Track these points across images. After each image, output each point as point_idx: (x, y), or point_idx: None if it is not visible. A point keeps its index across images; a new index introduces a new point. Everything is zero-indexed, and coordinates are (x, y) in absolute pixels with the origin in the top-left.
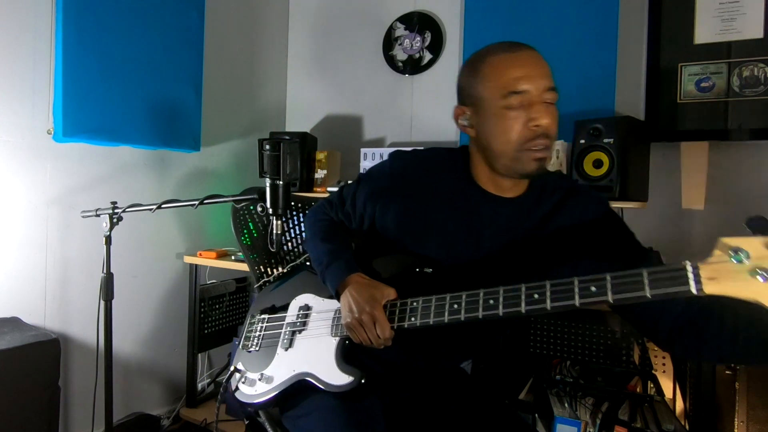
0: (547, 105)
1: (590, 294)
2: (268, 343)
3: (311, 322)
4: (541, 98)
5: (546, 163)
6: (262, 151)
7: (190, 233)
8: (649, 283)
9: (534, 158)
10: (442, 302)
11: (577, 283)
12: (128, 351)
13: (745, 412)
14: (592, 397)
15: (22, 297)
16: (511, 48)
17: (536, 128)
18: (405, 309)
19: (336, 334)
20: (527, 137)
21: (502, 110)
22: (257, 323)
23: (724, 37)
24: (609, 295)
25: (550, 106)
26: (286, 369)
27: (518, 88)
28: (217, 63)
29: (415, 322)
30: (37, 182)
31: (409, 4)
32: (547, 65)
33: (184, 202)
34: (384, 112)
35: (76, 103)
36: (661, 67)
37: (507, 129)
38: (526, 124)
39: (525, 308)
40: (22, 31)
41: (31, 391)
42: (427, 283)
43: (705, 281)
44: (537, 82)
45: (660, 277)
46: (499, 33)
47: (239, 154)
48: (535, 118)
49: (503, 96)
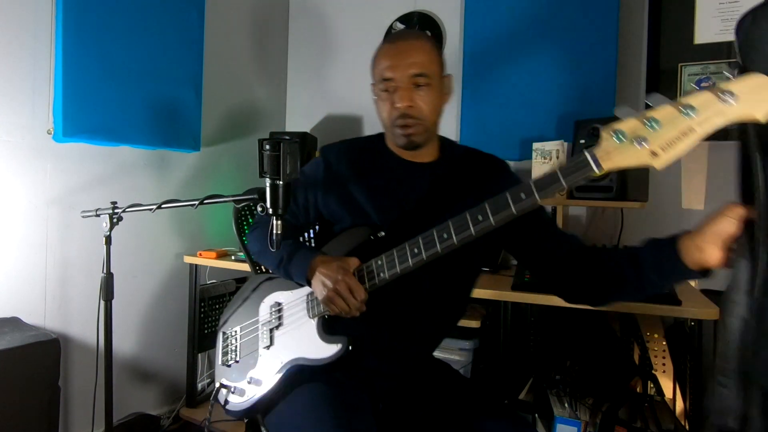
0: (415, 88)
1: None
2: (248, 350)
3: (286, 316)
4: (406, 84)
5: (417, 138)
6: (262, 151)
7: (190, 233)
8: (563, 176)
9: (401, 134)
10: (403, 250)
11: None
12: (128, 351)
13: None
14: (592, 397)
15: (22, 297)
16: (391, 39)
17: (397, 110)
18: (371, 269)
19: (313, 314)
20: (394, 116)
21: (380, 93)
22: (230, 338)
23: (724, 37)
24: (536, 197)
25: (419, 89)
26: (273, 364)
27: (385, 76)
28: (217, 63)
29: (384, 276)
30: (37, 182)
31: (409, 4)
32: (421, 53)
33: (184, 202)
34: None
35: (76, 103)
36: (661, 67)
37: (381, 109)
38: (392, 105)
39: (474, 230)
40: (22, 31)
41: (31, 391)
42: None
43: (602, 161)
44: (401, 71)
45: (570, 168)
46: (499, 33)
47: (239, 154)
48: (395, 102)
49: (379, 81)
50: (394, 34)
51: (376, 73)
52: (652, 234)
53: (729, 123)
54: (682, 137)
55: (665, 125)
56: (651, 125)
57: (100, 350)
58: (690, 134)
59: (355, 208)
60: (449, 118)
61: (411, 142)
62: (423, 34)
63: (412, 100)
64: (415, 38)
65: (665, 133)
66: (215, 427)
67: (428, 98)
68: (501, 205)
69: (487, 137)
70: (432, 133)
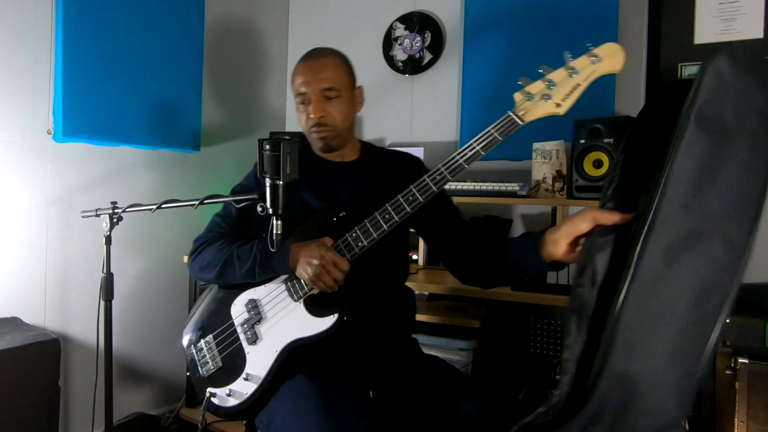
0: (327, 100)
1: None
2: (229, 353)
3: (267, 309)
4: (317, 97)
5: (331, 142)
6: (262, 151)
7: (190, 233)
8: (498, 132)
9: (317, 138)
10: (374, 219)
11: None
12: (128, 351)
13: (745, 412)
14: None
15: (22, 297)
16: (305, 57)
17: (311, 120)
18: (347, 242)
19: (298, 297)
20: (310, 125)
21: (297, 105)
22: (203, 347)
23: (724, 37)
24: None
25: (330, 101)
26: (267, 356)
27: (300, 91)
28: (217, 63)
29: (363, 244)
30: (37, 182)
31: (409, 4)
32: (331, 69)
33: (184, 202)
34: (384, 112)
35: (76, 103)
36: (661, 67)
37: (300, 120)
38: (308, 116)
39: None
40: (22, 31)
41: (31, 391)
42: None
43: (524, 116)
44: (313, 86)
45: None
46: (499, 33)
47: (239, 154)
48: (309, 113)
49: (296, 95)
50: (308, 52)
51: (293, 89)
52: None
53: (599, 75)
54: (573, 91)
55: (559, 84)
56: (550, 85)
57: (100, 350)
58: (578, 88)
59: (306, 206)
60: (449, 118)
61: (327, 146)
62: (334, 51)
63: (325, 111)
64: (326, 56)
65: (561, 90)
66: (215, 428)
67: (339, 108)
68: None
69: None
70: (345, 138)
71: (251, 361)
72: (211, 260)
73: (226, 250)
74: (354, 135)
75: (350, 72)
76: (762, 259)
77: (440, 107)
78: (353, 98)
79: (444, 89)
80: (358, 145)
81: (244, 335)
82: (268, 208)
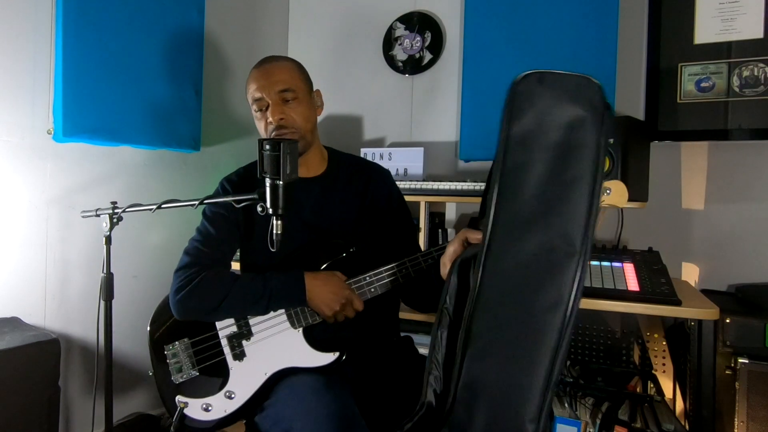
0: (284, 103)
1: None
2: (209, 365)
3: (257, 329)
4: (275, 100)
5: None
6: (262, 151)
7: (191, 233)
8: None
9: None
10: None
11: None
12: (128, 351)
13: (745, 412)
14: (592, 397)
15: (22, 297)
16: (256, 65)
17: (271, 124)
18: (361, 285)
19: (299, 325)
20: (270, 130)
21: (255, 113)
22: (177, 350)
23: (724, 37)
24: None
25: (288, 103)
26: (255, 376)
27: (256, 96)
28: (217, 63)
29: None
30: (37, 182)
31: (409, 4)
32: (284, 71)
33: (184, 202)
34: (384, 112)
35: (76, 103)
36: (661, 67)
37: (260, 127)
38: (266, 122)
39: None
40: (22, 31)
41: (31, 391)
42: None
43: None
44: (268, 89)
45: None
46: (499, 33)
47: (239, 154)
48: (268, 117)
49: (252, 103)
50: (260, 60)
51: (249, 97)
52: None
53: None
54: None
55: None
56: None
57: (100, 350)
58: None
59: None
60: (449, 118)
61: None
62: (285, 57)
63: (284, 113)
64: (278, 60)
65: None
66: None
67: (299, 110)
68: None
69: (487, 137)
70: (309, 141)
71: (235, 379)
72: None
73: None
74: (318, 140)
75: (305, 74)
76: (762, 259)
77: (440, 107)
78: (312, 100)
79: (444, 89)
80: (325, 153)
81: (230, 350)
82: (268, 208)
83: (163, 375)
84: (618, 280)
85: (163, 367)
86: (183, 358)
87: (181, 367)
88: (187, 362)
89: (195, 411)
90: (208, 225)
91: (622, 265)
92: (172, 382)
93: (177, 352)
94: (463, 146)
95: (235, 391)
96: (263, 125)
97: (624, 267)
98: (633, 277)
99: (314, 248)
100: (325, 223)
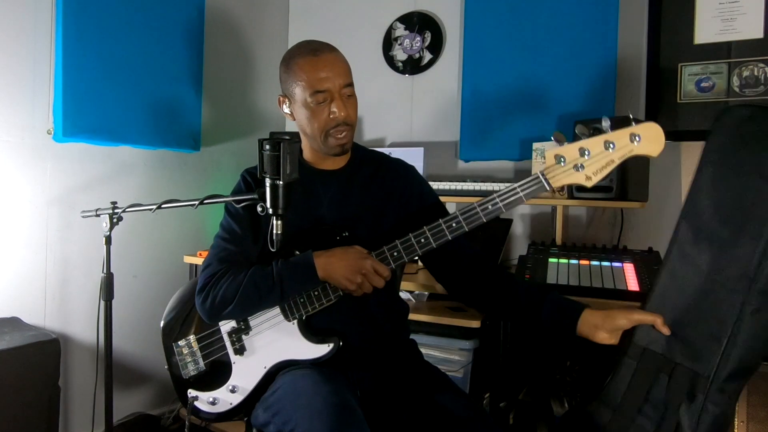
0: (347, 98)
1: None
2: (214, 360)
3: (255, 323)
4: (340, 94)
5: (348, 145)
6: (262, 151)
7: (190, 233)
8: (523, 191)
9: (337, 144)
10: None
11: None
12: (128, 351)
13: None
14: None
15: (22, 297)
16: (314, 52)
17: (334, 119)
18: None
19: (293, 317)
20: (330, 126)
21: (311, 104)
22: (184, 348)
23: (724, 37)
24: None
25: (349, 98)
26: (255, 370)
27: (320, 87)
28: (217, 63)
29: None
30: (37, 182)
31: (409, 4)
32: (345, 63)
33: (184, 202)
34: (384, 112)
35: (76, 103)
36: (661, 67)
37: (315, 119)
38: (328, 115)
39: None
40: (22, 31)
41: (31, 391)
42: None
43: (552, 182)
44: (335, 82)
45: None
46: (499, 33)
47: (239, 154)
48: (334, 111)
49: (312, 93)
50: (311, 46)
51: (305, 84)
52: (652, 234)
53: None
54: (606, 166)
55: (594, 156)
56: (584, 153)
57: (100, 350)
58: (611, 164)
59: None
60: (449, 118)
61: (344, 149)
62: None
63: (347, 109)
64: (334, 51)
65: (595, 163)
66: (214, 428)
67: (355, 106)
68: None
69: (487, 137)
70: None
71: (238, 373)
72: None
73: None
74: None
75: None
76: None
77: (440, 107)
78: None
79: (444, 89)
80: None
81: (231, 345)
82: (268, 208)
83: (176, 371)
84: (618, 280)
85: (175, 362)
86: (189, 355)
87: (188, 363)
88: (194, 359)
89: (204, 404)
90: (232, 221)
91: (622, 265)
92: (183, 377)
93: (183, 348)
94: (463, 146)
95: (238, 385)
96: (324, 116)
97: (624, 267)
98: (633, 277)
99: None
100: (341, 216)
